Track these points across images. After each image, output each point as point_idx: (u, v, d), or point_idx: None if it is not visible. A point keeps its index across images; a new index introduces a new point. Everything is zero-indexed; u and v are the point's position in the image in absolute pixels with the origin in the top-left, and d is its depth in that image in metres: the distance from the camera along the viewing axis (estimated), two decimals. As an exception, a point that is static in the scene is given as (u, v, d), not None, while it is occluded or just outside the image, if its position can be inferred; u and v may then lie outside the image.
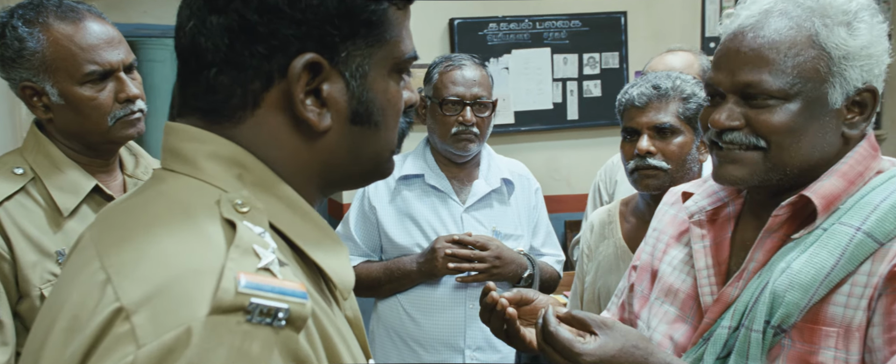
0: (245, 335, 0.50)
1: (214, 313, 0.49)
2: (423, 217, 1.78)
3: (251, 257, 0.53)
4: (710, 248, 1.00)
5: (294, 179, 0.63)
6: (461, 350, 1.74)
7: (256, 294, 0.50)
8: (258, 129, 0.62)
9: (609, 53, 3.15)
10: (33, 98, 1.23)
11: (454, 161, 1.82)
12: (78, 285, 0.54)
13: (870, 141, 0.94)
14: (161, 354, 0.48)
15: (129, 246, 0.55)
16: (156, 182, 0.63)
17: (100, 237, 0.59)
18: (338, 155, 0.65)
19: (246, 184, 0.60)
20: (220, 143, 0.61)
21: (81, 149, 1.29)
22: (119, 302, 0.51)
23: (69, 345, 0.51)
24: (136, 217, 0.59)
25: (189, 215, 0.56)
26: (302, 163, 0.64)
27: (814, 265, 0.86)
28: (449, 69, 1.76)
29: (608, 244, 1.57)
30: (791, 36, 0.89)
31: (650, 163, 1.41)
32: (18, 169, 1.24)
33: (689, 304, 1.01)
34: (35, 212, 1.23)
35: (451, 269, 1.68)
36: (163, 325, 0.49)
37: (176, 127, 0.63)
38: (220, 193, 0.58)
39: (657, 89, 1.42)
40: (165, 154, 0.64)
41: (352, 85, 0.63)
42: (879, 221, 0.85)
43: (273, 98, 0.61)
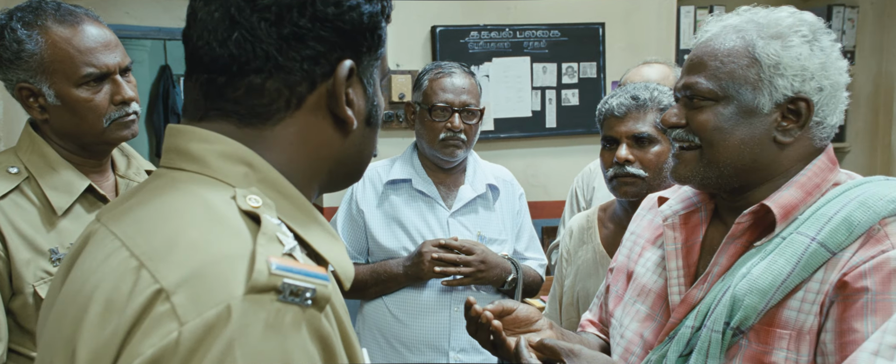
0: (278, 312, 0.55)
1: (250, 293, 0.54)
2: (409, 221, 1.81)
3: (276, 244, 0.59)
4: (681, 250, 1.07)
5: (300, 178, 0.69)
6: (445, 352, 1.78)
7: (287, 275, 0.55)
8: (292, 128, 0.68)
9: (587, 63, 3.22)
10: (29, 99, 1.25)
11: (441, 166, 1.86)
12: (107, 272, 0.58)
13: (828, 154, 1.02)
14: (205, 330, 0.53)
15: (156, 235, 0.59)
16: (167, 179, 0.66)
17: (120, 229, 0.62)
18: (350, 153, 0.72)
19: (252, 181, 0.65)
20: (228, 142, 0.66)
21: (75, 149, 1.30)
22: (158, 284, 0.55)
23: (107, 326, 0.55)
24: (156, 210, 0.62)
25: (210, 207, 0.61)
26: (321, 159, 0.70)
27: (772, 272, 0.92)
28: (439, 76, 1.81)
29: (587, 249, 1.62)
30: (731, 46, 0.99)
31: (629, 171, 1.48)
32: (13, 168, 1.25)
33: (658, 303, 1.08)
34: (29, 210, 1.24)
35: (437, 272, 1.71)
36: (203, 304, 0.53)
37: (182, 129, 0.68)
38: (233, 189, 0.63)
39: (636, 100, 1.49)
40: (170, 154, 0.68)
41: (368, 90, 0.72)
42: (832, 232, 0.91)
43: (314, 100, 0.68)
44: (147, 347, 0.53)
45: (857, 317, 0.87)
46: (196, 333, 0.53)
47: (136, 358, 0.53)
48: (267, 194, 0.64)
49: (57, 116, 1.26)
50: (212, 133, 0.66)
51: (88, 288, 0.59)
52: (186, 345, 0.52)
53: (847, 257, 0.90)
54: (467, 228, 1.83)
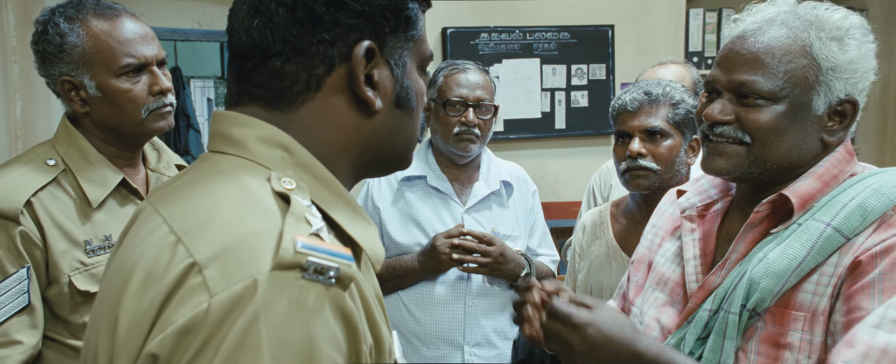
0: (302, 289, 0.57)
1: (276, 269, 0.57)
2: (424, 217, 1.83)
3: (304, 224, 0.61)
4: (699, 240, 1.09)
5: (333, 162, 0.71)
6: (460, 346, 1.79)
7: (312, 254, 0.58)
8: (317, 111, 0.70)
9: (596, 65, 3.24)
10: (71, 92, 1.29)
11: (455, 163, 1.88)
12: (149, 247, 0.61)
13: (846, 147, 1.03)
14: (232, 302, 0.55)
15: (194, 213, 0.62)
16: (209, 161, 0.70)
17: (164, 208, 0.65)
18: (380, 136, 0.73)
19: (288, 165, 0.67)
20: (267, 128, 0.69)
21: (113, 141, 1.34)
22: (192, 258, 0.58)
23: (146, 295, 0.58)
24: (197, 190, 0.65)
25: (245, 188, 0.63)
26: (349, 143, 0.72)
27: (787, 256, 0.94)
28: (454, 72, 1.83)
29: (600, 244, 1.64)
30: (787, 44, 0.97)
31: (641, 164, 1.50)
32: (51, 160, 1.29)
33: (676, 290, 1.09)
34: (66, 202, 1.28)
35: (454, 261, 1.73)
36: (232, 278, 0.56)
37: (225, 114, 0.71)
38: (268, 171, 0.66)
39: (649, 95, 1.52)
40: (214, 138, 0.71)
41: (396, 72, 0.72)
42: (847, 218, 0.93)
43: (333, 81, 0.69)
44: (179, 316, 0.56)
45: (864, 295, 0.89)
46: (224, 305, 0.55)
47: (169, 326, 0.56)
48: (301, 177, 0.67)
49: (98, 108, 1.30)
50: (252, 118, 0.69)
51: (132, 261, 0.62)
52: (215, 315, 0.55)
53: (860, 241, 0.92)
54: (481, 225, 1.85)
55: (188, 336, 0.55)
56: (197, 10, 3.38)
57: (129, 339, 0.58)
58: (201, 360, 0.54)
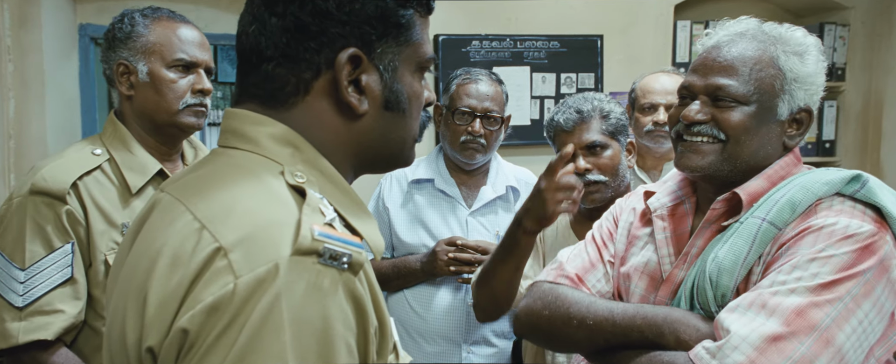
0: (318, 273, 0.63)
1: (296, 254, 0.62)
2: (430, 219, 1.88)
3: (318, 214, 0.66)
4: (671, 238, 1.17)
5: (333, 158, 0.76)
6: (459, 344, 1.85)
7: (327, 241, 0.63)
8: (307, 113, 0.74)
9: (585, 74, 3.29)
10: (123, 76, 1.44)
11: (463, 168, 1.92)
12: (174, 233, 0.66)
13: (794, 153, 1.14)
14: (256, 283, 0.61)
15: (216, 202, 0.66)
16: (223, 156, 0.74)
17: (185, 197, 0.69)
18: (371, 137, 0.77)
19: (297, 161, 0.72)
20: (277, 125, 0.73)
21: (151, 131, 1.47)
22: (218, 243, 0.63)
23: (173, 276, 0.63)
24: (216, 181, 0.70)
25: (262, 181, 0.68)
26: (341, 143, 0.76)
27: (733, 252, 1.04)
28: (466, 82, 1.88)
29: (559, 241, 1.71)
30: (757, 55, 1.09)
31: (590, 178, 1.59)
32: (97, 150, 1.43)
33: (652, 284, 1.17)
34: (108, 188, 1.41)
35: (450, 271, 1.78)
36: (255, 262, 0.61)
37: (238, 112, 0.75)
38: (280, 166, 0.71)
39: (580, 113, 1.60)
40: (227, 134, 0.75)
41: (385, 76, 0.76)
42: (779, 212, 1.04)
43: (320, 86, 0.74)
44: (207, 295, 0.61)
45: (773, 270, 1.01)
46: (249, 286, 0.60)
47: (198, 304, 0.61)
48: (310, 172, 0.72)
49: (141, 93, 1.43)
50: (264, 117, 0.74)
51: (157, 245, 0.66)
52: (241, 295, 0.60)
53: (788, 231, 1.03)
54: (486, 228, 1.90)
55: (216, 313, 0.60)
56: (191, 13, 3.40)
57: (160, 316, 0.63)
58: (229, 335, 0.59)
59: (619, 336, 1.08)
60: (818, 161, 3.46)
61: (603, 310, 1.12)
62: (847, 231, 0.97)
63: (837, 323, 0.93)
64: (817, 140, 3.50)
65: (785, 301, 0.94)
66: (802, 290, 0.94)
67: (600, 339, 1.11)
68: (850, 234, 0.97)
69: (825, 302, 0.93)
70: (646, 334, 1.06)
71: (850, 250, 0.96)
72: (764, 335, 0.93)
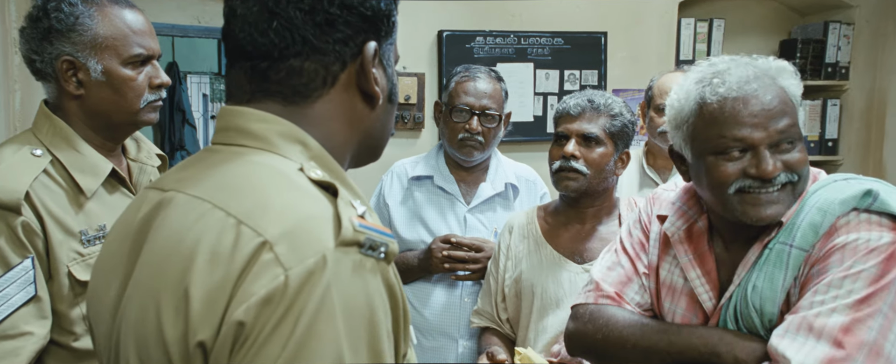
0: (361, 262, 0.66)
1: (340, 245, 0.65)
2: (429, 216, 1.89)
3: (351, 208, 0.69)
4: (694, 259, 1.20)
5: (338, 153, 0.78)
6: (455, 339, 1.86)
7: (367, 233, 0.66)
8: (330, 104, 0.77)
9: (589, 71, 3.30)
10: (69, 72, 1.27)
11: (462, 165, 1.93)
12: (205, 229, 0.67)
13: None
14: (307, 275, 0.63)
15: (247, 199, 0.68)
16: (230, 153, 0.75)
17: (206, 194, 0.71)
18: (376, 127, 0.82)
19: (307, 157, 0.74)
20: (285, 123, 0.75)
21: (100, 129, 1.33)
22: (262, 237, 0.65)
23: (216, 271, 0.64)
24: (241, 178, 0.71)
25: (287, 177, 0.70)
26: (353, 132, 0.80)
27: (770, 280, 1.10)
28: (464, 80, 1.89)
29: (529, 243, 1.72)
30: (780, 93, 1.10)
31: (573, 165, 1.60)
32: (37, 150, 1.26)
33: (692, 305, 1.21)
34: (57, 192, 1.26)
35: (445, 268, 1.79)
36: (303, 254, 0.64)
37: (240, 110, 0.76)
38: (297, 163, 0.72)
39: (591, 103, 1.62)
40: (230, 132, 0.76)
41: (388, 70, 0.81)
42: (803, 236, 1.08)
43: (345, 78, 0.77)
44: (259, 288, 0.63)
45: (806, 286, 1.07)
46: (301, 277, 0.63)
47: (250, 297, 0.63)
48: (319, 168, 0.73)
49: (96, 93, 1.29)
50: (269, 115, 0.75)
51: (188, 242, 0.67)
52: (293, 286, 0.63)
53: (815, 252, 1.08)
54: (484, 225, 1.91)
55: (270, 305, 0.62)
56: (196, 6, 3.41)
57: (209, 311, 0.64)
58: (285, 325, 0.62)
59: (675, 356, 1.14)
60: (821, 160, 3.46)
61: (658, 333, 1.18)
62: (869, 245, 1.03)
63: (882, 334, 0.99)
64: (820, 139, 3.50)
65: (829, 322, 1.00)
66: (842, 308, 1.00)
67: (657, 359, 1.17)
68: (873, 247, 1.03)
69: (866, 317, 1.00)
70: (703, 353, 1.12)
71: (877, 262, 1.01)
72: (820, 359, 0.99)
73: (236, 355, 0.63)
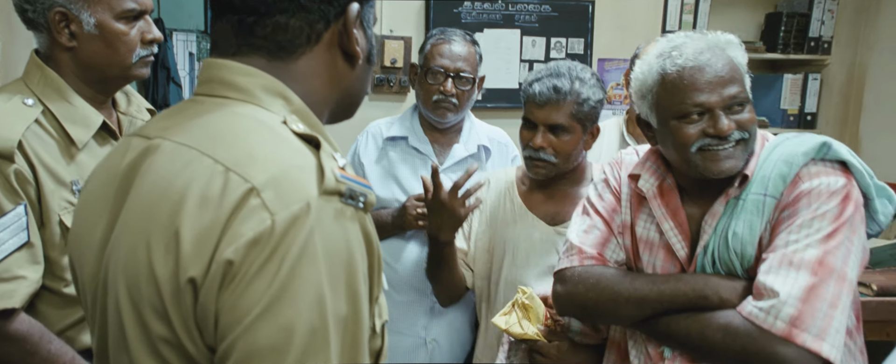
0: (342, 210, 0.71)
1: (323, 194, 0.70)
2: (403, 175, 1.93)
3: (333, 160, 0.73)
4: (668, 213, 1.31)
5: (318, 108, 0.82)
6: (426, 294, 1.92)
7: (348, 183, 0.71)
8: (313, 61, 0.81)
9: (575, 39, 3.32)
10: (61, 24, 1.28)
11: (436, 127, 1.97)
12: (193, 175, 0.71)
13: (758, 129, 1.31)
14: (292, 220, 0.68)
15: (235, 148, 0.72)
16: (214, 104, 0.78)
17: (193, 142, 0.74)
18: (355, 85, 0.86)
19: (288, 111, 0.78)
20: (268, 77, 0.79)
21: (92, 81, 1.34)
22: (250, 183, 0.69)
23: (205, 215, 0.69)
24: (227, 128, 0.75)
25: (271, 129, 0.74)
26: (332, 89, 0.84)
27: (748, 226, 1.24)
28: (440, 42, 1.91)
29: (506, 202, 1.77)
30: (729, 62, 1.25)
31: (541, 156, 1.64)
32: (28, 100, 1.28)
33: (669, 256, 1.33)
34: (49, 143, 1.28)
35: (419, 225, 1.84)
36: (289, 201, 0.68)
37: (225, 63, 0.79)
38: (280, 116, 0.76)
39: (557, 92, 1.61)
40: (213, 84, 0.80)
41: (368, 32, 0.85)
42: (774, 186, 1.23)
43: (328, 36, 0.81)
44: (247, 230, 0.67)
45: (778, 228, 1.23)
46: (286, 222, 0.67)
47: (239, 238, 0.67)
48: (301, 122, 0.77)
49: (88, 45, 1.30)
50: (253, 69, 0.78)
51: (177, 187, 0.71)
52: (279, 229, 0.67)
53: (783, 198, 1.24)
54: None
55: (258, 246, 0.67)
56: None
57: (199, 251, 0.68)
58: (271, 265, 0.67)
59: (666, 304, 1.26)
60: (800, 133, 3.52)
61: (647, 284, 1.29)
62: (830, 188, 1.21)
63: (844, 261, 1.17)
64: (800, 112, 3.56)
65: (806, 256, 1.17)
66: (815, 243, 1.17)
67: (649, 309, 1.28)
68: (833, 190, 1.20)
69: (834, 248, 1.17)
70: (691, 298, 1.24)
71: (837, 203, 1.20)
72: (803, 287, 1.15)
73: (225, 291, 0.67)
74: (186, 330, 0.70)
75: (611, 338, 1.47)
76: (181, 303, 0.70)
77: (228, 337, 0.67)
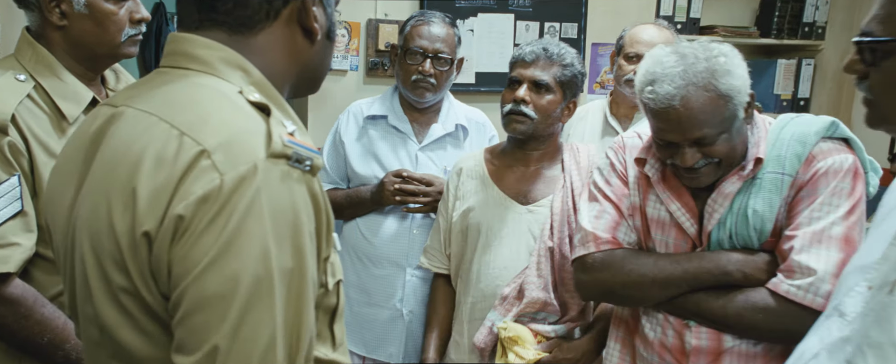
0: (288, 172, 0.76)
1: (270, 157, 0.75)
2: (383, 153, 2.00)
3: (282, 126, 0.79)
4: (672, 195, 1.38)
5: (278, 80, 0.87)
6: (404, 268, 1.99)
7: (294, 148, 0.76)
8: (271, 37, 0.86)
9: (569, 24, 3.34)
10: (52, 3, 1.33)
11: (415, 106, 2.02)
12: (152, 139, 0.77)
13: (755, 117, 1.39)
14: (239, 180, 0.73)
15: (190, 114, 0.78)
16: (176, 75, 0.84)
17: (153, 108, 0.80)
18: (314, 60, 0.91)
19: (247, 82, 0.83)
20: (227, 51, 0.84)
21: (82, 59, 1.39)
22: (201, 146, 0.74)
23: (159, 174, 0.74)
24: (182, 96, 0.81)
25: (226, 97, 0.80)
26: (291, 64, 0.89)
27: (768, 203, 1.32)
28: (419, 24, 1.97)
29: (477, 184, 1.82)
30: (708, 99, 1.25)
31: (523, 109, 1.70)
32: (21, 76, 1.33)
33: (680, 234, 1.40)
34: (41, 117, 1.33)
35: (396, 200, 1.91)
36: (237, 162, 0.74)
37: (188, 37, 0.85)
38: (236, 86, 0.82)
39: (546, 51, 1.72)
40: (177, 56, 0.85)
41: (328, 10, 0.90)
42: (791, 165, 1.32)
43: (287, 13, 0.86)
44: (198, 188, 0.73)
45: (801, 205, 1.32)
46: (234, 181, 0.73)
47: (190, 196, 0.73)
48: (259, 93, 0.83)
49: (78, 24, 1.35)
50: (213, 42, 0.84)
51: (136, 150, 0.77)
52: (228, 188, 0.72)
53: (799, 175, 1.33)
54: (434, 162, 2.01)
55: (207, 203, 0.72)
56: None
57: (153, 206, 0.74)
58: (219, 221, 0.72)
59: (691, 282, 1.32)
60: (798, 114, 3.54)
61: (671, 264, 1.35)
62: (842, 166, 1.30)
63: (860, 234, 1.28)
64: (793, 97, 3.58)
65: (833, 233, 1.26)
66: (838, 220, 1.26)
67: (674, 289, 1.34)
68: (846, 168, 1.29)
69: (854, 224, 1.27)
70: (715, 274, 1.31)
71: (850, 179, 1.29)
72: (835, 263, 1.24)
73: (176, 244, 0.73)
74: (143, 280, 0.76)
75: (616, 314, 1.52)
76: (137, 255, 0.76)
77: (180, 286, 0.74)
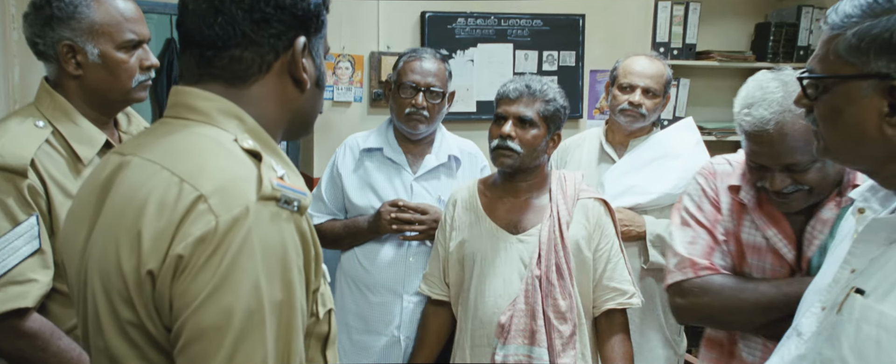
0: (278, 212, 0.83)
1: (261, 199, 0.82)
2: (379, 184, 2.07)
3: (272, 171, 0.86)
4: (769, 221, 1.39)
5: (271, 127, 0.95)
6: (400, 295, 2.04)
7: (283, 191, 0.83)
8: (264, 88, 0.93)
9: (567, 52, 3.41)
10: (68, 55, 1.44)
11: (409, 138, 2.10)
12: (156, 185, 0.84)
13: None
14: (233, 220, 0.80)
15: (189, 162, 0.85)
16: (178, 125, 0.92)
17: (157, 158, 0.87)
18: (305, 107, 0.99)
19: (242, 130, 0.91)
20: (224, 101, 0.92)
21: (96, 105, 1.50)
22: (199, 192, 0.82)
23: (162, 218, 0.81)
24: (182, 145, 0.88)
25: (222, 146, 0.87)
26: (284, 112, 0.96)
27: None
28: (411, 59, 2.06)
29: (471, 216, 1.89)
30: (803, 127, 1.26)
31: (509, 145, 1.77)
32: (40, 122, 1.44)
33: (777, 260, 1.40)
34: (58, 161, 1.43)
35: (393, 229, 1.97)
36: (231, 205, 0.81)
37: (189, 90, 0.93)
38: (231, 134, 0.89)
39: (529, 88, 1.80)
40: (178, 108, 0.93)
41: (317, 60, 0.98)
42: None
43: (277, 66, 0.93)
44: (195, 230, 0.80)
45: None
46: (228, 223, 0.80)
47: (188, 237, 0.79)
48: (253, 139, 0.90)
49: (93, 74, 1.46)
50: (211, 94, 0.92)
51: (141, 196, 0.84)
52: (222, 229, 0.79)
53: None
54: (429, 192, 2.08)
55: (204, 243, 0.79)
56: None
57: (156, 247, 0.81)
58: (215, 259, 0.79)
59: (792, 306, 1.26)
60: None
61: (772, 288, 1.35)
62: None
63: None
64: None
65: None
66: None
67: (775, 312, 1.32)
68: None
69: None
70: None
71: None
72: None
73: (177, 281, 0.80)
74: (148, 314, 0.83)
75: (709, 336, 1.54)
76: (143, 291, 0.82)
77: (180, 318, 0.80)
